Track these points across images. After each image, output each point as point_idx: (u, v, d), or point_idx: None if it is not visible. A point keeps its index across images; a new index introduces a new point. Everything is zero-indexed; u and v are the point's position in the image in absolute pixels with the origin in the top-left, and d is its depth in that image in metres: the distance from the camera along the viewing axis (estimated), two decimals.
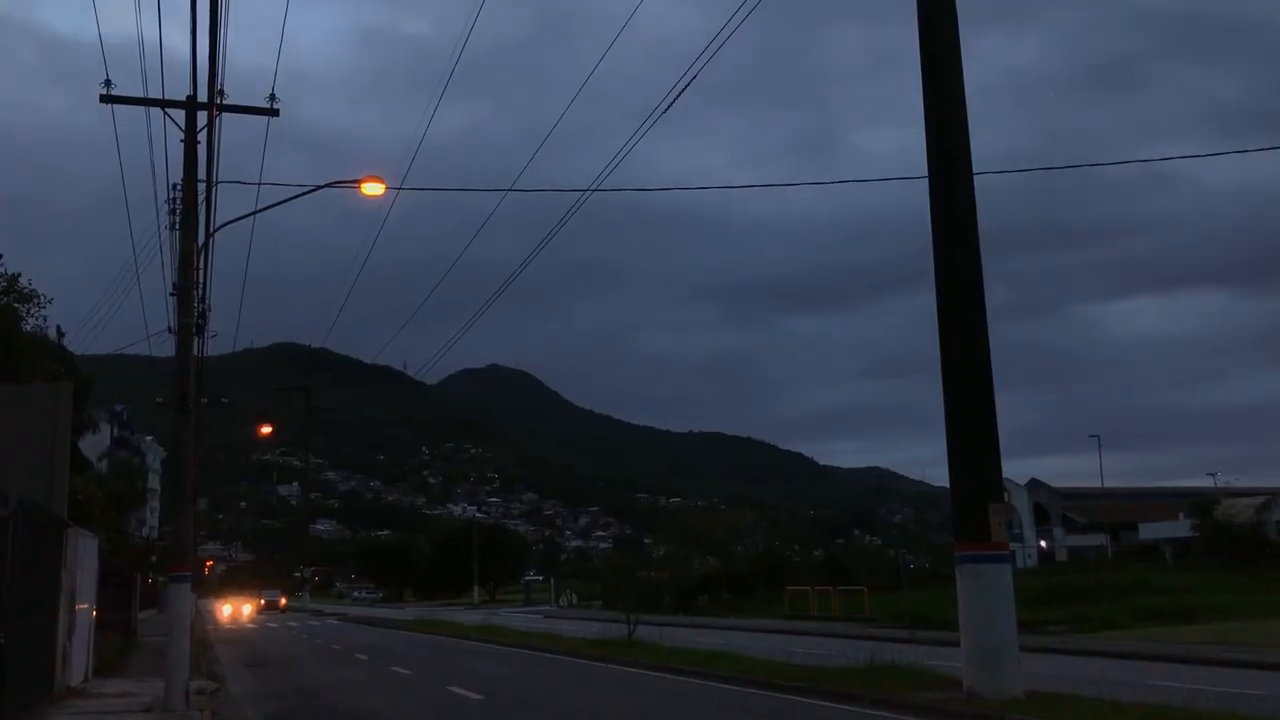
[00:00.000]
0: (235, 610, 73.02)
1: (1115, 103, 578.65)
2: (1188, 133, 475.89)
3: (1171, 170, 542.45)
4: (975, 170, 15.10)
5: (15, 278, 30.95)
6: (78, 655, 19.37)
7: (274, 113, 19.88)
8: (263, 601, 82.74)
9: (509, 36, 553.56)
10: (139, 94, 19.32)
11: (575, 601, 75.28)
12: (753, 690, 17.85)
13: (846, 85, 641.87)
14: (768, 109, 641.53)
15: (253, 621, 62.99)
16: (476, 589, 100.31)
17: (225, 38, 16.97)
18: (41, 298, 31.65)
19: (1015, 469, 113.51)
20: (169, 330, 23.28)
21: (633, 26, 20.56)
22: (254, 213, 21.17)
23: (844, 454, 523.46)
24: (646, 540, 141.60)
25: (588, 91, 22.31)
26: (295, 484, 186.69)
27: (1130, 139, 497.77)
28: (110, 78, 18.61)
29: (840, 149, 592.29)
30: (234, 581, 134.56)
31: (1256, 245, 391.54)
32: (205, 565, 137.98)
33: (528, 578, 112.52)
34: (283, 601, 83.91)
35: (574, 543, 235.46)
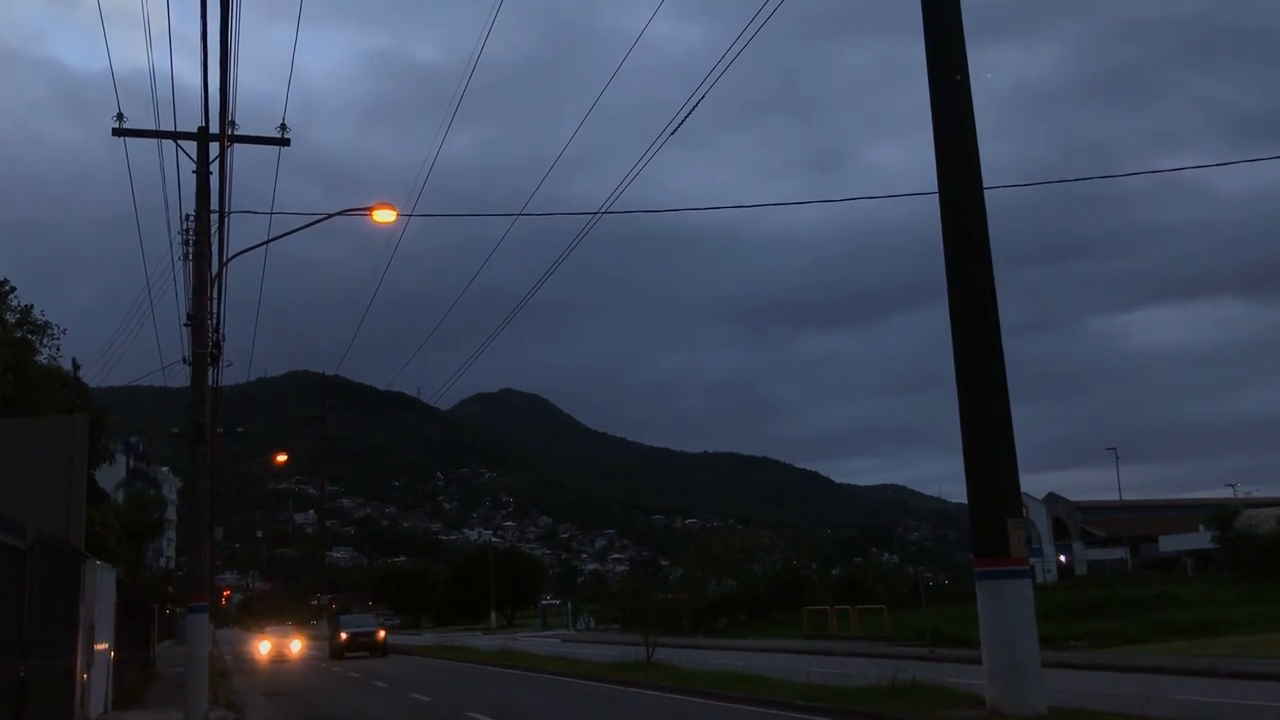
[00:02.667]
0: (278, 648, 52.32)
1: (1129, 112, 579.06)
2: (1202, 142, 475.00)
3: (1187, 180, 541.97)
4: (987, 184, 15.07)
5: (29, 309, 31.16)
6: (97, 688, 19.35)
7: (285, 142, 20.02)
8: (342, 636, 49.97)
9: (517, 59, 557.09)
10: (151, 126, 19.49)
11: (592, 625, 75.02)
12: (773, 711, 17.73)
13: (857, 101, 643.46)
14: (778, 126, 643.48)
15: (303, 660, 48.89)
16: (494, 614, 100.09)
17: (235, 70, 17.10)
18: (55, 329, 31.84)
19: (1033, 483, 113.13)
20: (184, 361, 23.36)
21: (642, 46, 20.65)
22: (266, 242, 21.28)
23: (860, 472, 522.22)
24: (663, 562, 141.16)
25: (598, 112, 22.41)
26: (311, 511, 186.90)
27: (1145, 148, 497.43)
28: (122, 109, 18.78)
29: (852, 165, 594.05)
30: (263, 611, 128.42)
31: (1274, 253, 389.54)
32: (223, 595, 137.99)
33: (544, 601, 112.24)
34: (381, 634, 51.00)
35: (590, 566, 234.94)
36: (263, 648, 53.48)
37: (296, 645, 53.95)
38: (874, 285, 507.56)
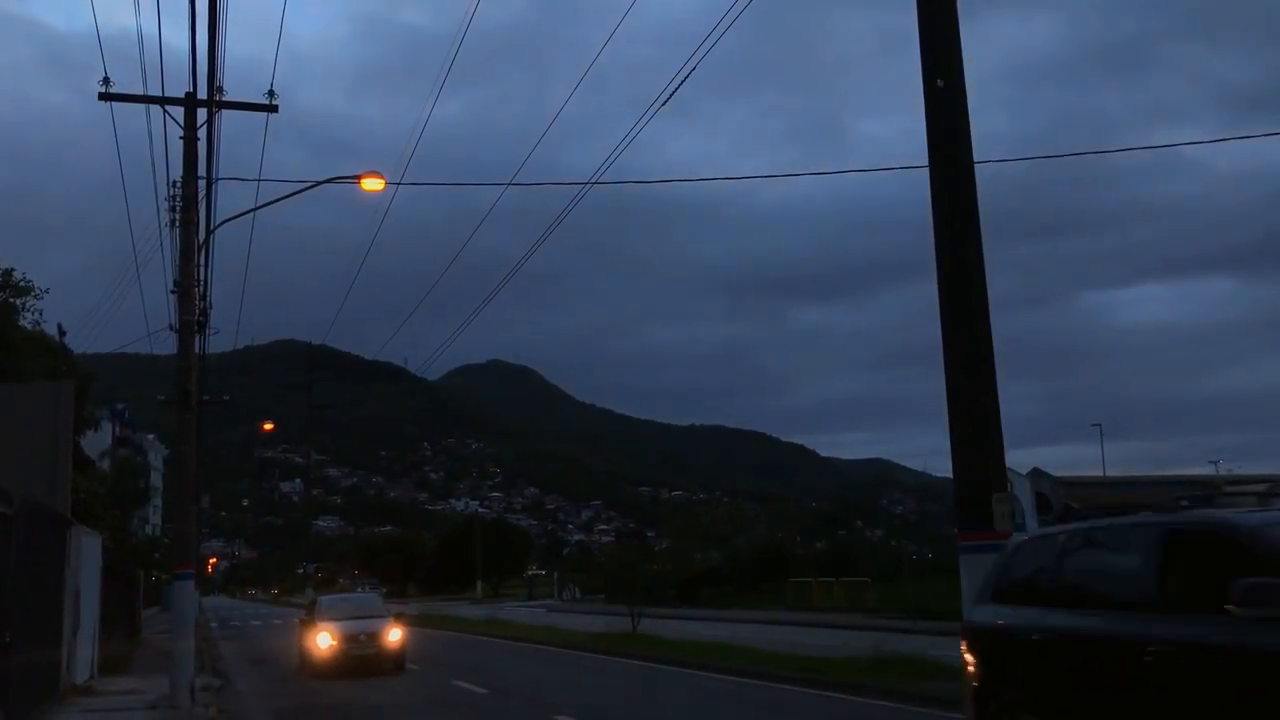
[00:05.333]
0: (353, 646, 22.93)
1: (1124, 86, 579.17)
2: (1197, 116, 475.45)
3: (1180, 155, 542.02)
4: (978, 158, 15.01)
5: (10, 272, 30.92)
6: (83, 653, 19.37)
7: (273, 109, 19.84)
8: None
9: (508, 23, 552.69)
10: (138, 90, 19.28)
11: (578, 595, 75.28)
12: (757, 681, 17.84)
13: (852, 71, 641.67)
14: (773, 96, 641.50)
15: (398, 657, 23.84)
16: (480, 584, 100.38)
17: (224, 34, 16.95)
18: (37, 290, 31.61)
19: (1017, 458, 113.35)
20: (170, 328, 23.23)
21: (635, 11, 20.46)
22: (254, 209, 21.16)
23: (845, 445, 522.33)
24: (649, 534, 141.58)
25: (590, 78, 22.22)
26: (298, 480, 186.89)
27: (1139, 122, 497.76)
28: (108, 73, 18.59)
29: (846, 136, 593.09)
30: (249, 578, 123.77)
31: (1267, 231, 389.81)
32: (209, 563, 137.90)
33: (531, 572, 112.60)
34: None
35: (576, 537, 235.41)
36: (321, 642, 23.25)
37: (396, 635, 23.77)
38: (865, 259, 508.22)
